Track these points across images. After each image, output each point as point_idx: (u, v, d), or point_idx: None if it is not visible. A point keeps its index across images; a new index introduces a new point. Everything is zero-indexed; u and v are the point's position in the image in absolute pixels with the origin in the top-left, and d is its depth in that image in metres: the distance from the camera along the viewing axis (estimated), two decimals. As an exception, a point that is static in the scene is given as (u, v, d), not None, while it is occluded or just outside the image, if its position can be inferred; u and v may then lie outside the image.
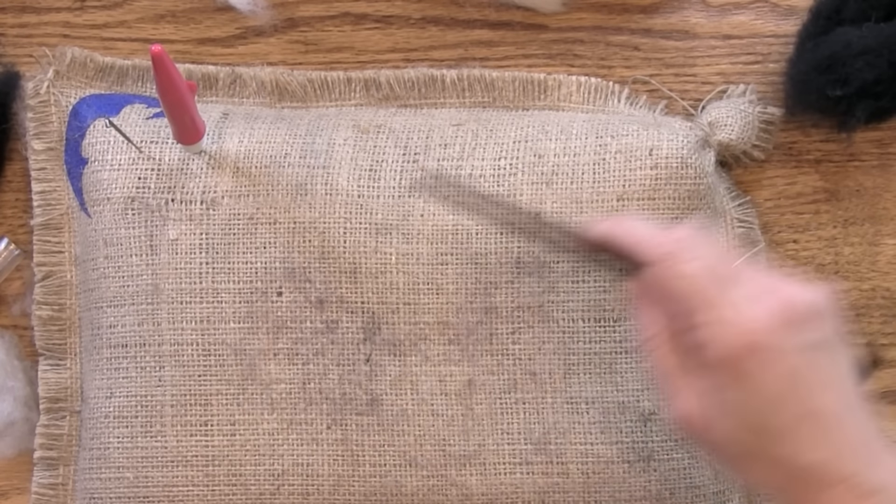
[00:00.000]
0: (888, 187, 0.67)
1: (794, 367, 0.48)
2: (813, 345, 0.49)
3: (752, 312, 0.48)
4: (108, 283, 0.63)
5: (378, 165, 0.62)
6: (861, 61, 0.61)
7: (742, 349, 0.48)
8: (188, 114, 0.58)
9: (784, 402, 0.48)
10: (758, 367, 0.48)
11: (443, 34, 0.68)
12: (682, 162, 0.61)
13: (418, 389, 0.61)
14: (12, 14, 0.68)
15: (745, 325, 0.48)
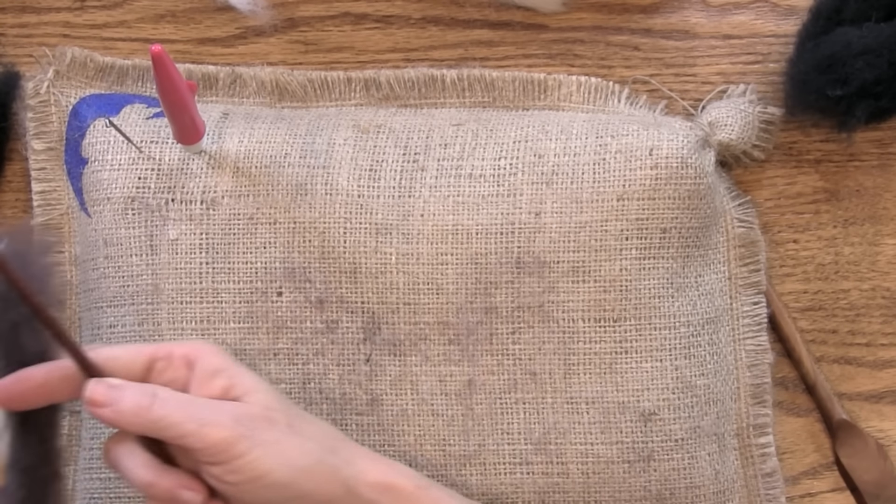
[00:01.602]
0: (888, 187, 0.67)
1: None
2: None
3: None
4: (108, 283, 0.63)
5: (378, 165, 0.62)
6: (861, 61, 0.61)
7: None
8: (188, 114, 0.58)
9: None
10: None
11: (443, 34, 0.68)
12: (683, 162, 0.61)
13: (418, 389, 0.61)
14: (12, 14, 0.68)
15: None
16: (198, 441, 0.50)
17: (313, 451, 0.53)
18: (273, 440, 0.51)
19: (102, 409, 0.51)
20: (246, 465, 0.50)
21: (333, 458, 0.53)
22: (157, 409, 0.50)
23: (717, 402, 0.63)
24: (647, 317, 0.61)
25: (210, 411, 0.51)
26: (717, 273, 0.65)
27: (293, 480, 0.51)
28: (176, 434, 0.50)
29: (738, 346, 0.65)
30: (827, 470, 0.67)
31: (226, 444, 0.50)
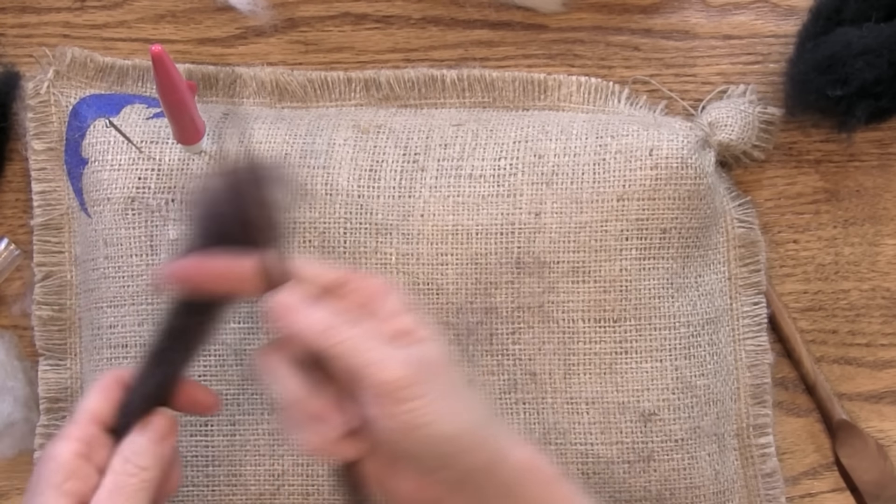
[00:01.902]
0: (888, 187, 0.67)
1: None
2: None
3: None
4: (108, 283, 0.63)
5: (378, 165, 0.62)
6: (861, 61, 0.61)
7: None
8: (188, 114, 0.58)
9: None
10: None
11: (443, 34, 0.68)
12: (682, 162, 0.61)
13: (418, 389, 0.61)
14: (12, 14, 0.68)
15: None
16: (374, 374, 0.48)
17: (474, 414, 0.51)
18: (443, 392, 0.49)
19: (288, 317, 0.49)
20: (412, 410, 0.48)
21: (489, 427, 0.52)
22: (342, 332, 0.49)
23: (717, 402, 0.63)
24: (647, 317, 0.61)
25: (390, 348, 0.49)
26: (717, 273, 0.65)
27: (451, 437, 0.49)
28: (352, 362, 0.48)
29: (738, 347, 0.65)
30: (827, 470, 0.67)
31: (400, 384, 0.48)
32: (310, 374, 0.51)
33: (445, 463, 0.50)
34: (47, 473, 0.50)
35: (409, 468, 0.51)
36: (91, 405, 0.52)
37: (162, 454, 0.52)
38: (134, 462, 0.51)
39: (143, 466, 0.51)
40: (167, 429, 0.52)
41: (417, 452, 0.50)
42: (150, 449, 0.51)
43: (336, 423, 0.50)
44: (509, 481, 0.51)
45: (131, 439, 0.52)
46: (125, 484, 0.50)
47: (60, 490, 0.49)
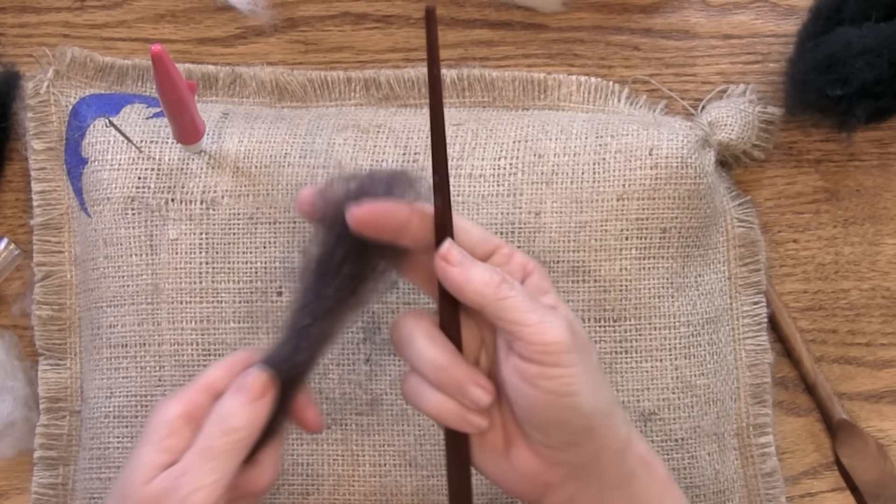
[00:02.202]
0: (888, 187, 0.67)
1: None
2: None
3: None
4: (108, 282, 0.63)
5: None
6: (861, 61, 0.61)
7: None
8: (188, 114, 0.58)
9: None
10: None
11: (443, 34, 0.68)
12: (682, 162, 0.61)
13: (418, 389, 0.61)
14: (12, 14, 0.68)
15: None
16: (534, 335, 0.48)
17: (612, 394, 0.52)
18: (589, 369, 0.50)
19: (453, 268, 0.50)
20: (565, 377, 0.48)
21: (623, 414, 0.52)
22: (505, 289, 0.49)
23: (717, 401, 0.63)
24: (647, 316, 0.61)
25: (554, 315, 0.50)
26: (717, 273, 0.65)
27: (591, 412, 0.49)
28: (514, 320, 0.49)
29: (738, 346, 0.65)
30: (827, 470, 0.67)
31: (560, 348, 0.48)
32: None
33: (581, 439, 0.50)
34: (150, 429, 0.52)
35: (535, 444, 0.51)
36: (209, 374, 0.53)
37: (255, 416, 0.51)
38: (225, 422, 0.51)
39: (234, 427, 0.51)
40: (261, 389, 0.52)
41: (558, 421, 0.50)
42: (241, 410, 0.51)
43: (483, 391, 0.50)
44: (630, 473, 0.52)
45: (224, 400, 0.52)
46: (213, 444, 0.50)
47: (159, 446, 0.51)
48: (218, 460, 0.50)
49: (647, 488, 0.52)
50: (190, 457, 0.50)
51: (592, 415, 0.50)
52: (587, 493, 0.52)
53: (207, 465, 0.50)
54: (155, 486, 0.50)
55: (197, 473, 0.50)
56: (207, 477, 0.50)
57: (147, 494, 0.50)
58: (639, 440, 0.53)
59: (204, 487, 0.49)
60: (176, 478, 0.50)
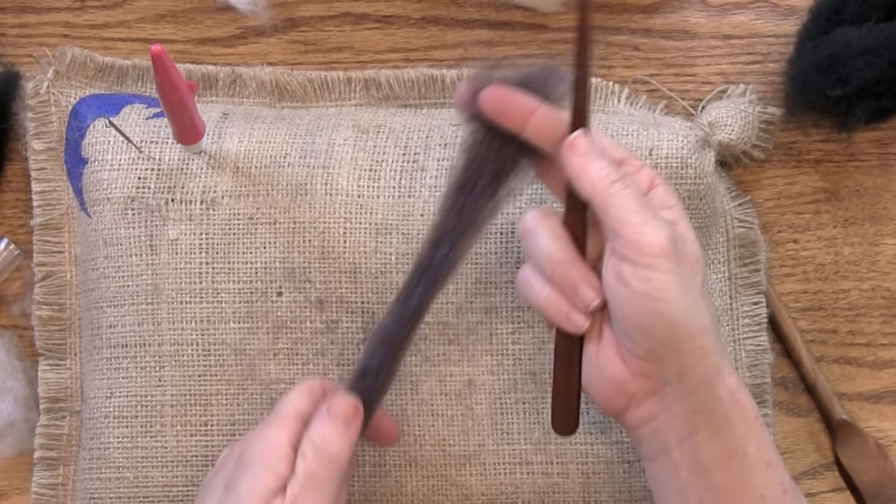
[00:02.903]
0: (888, 187, 0.67)
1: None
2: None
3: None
4: (108, 283, 0.63)
5: (378, 165, 0.62)
6: (861, 61, 0.61)
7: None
8: (188, 114, 0.58)
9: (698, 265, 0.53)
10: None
11: (443, 34, 0.68)
12: (682, 162, 0.61)
13: (418, 389, 0.61)
14: (12, 14, 0.68)
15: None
16: (633, 233, 0.50)
17: (709, 319, 0.52)
18: (690, 284, 0.51)
19: (576, 157, 0.51)
20: (655, 280, 0.49)
21: (716, 338, 0.52)
22: (618, 187, 0.51)
23: (717, 402, 0.63)
24: (647, 317, 0.61)
25: (659, 221, 0.50)
26: (717, 273, 0.65)
27: (679, 324, 0.50)
28: (617, 216, 0.50)
29: (738, 347, 0.65)
30: (827, 470, 0.67)
31: (655, 251, 0.49)
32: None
33: (666, 352, 0.50)
34: (262, 454, 0.53)
35: (624, 351, 0.52)
36: (296, 402, 0.55)
37: (350, 440, 0.53)
38: (326, 450, 0.53)
39: (334, 454, 0.53)
40: (351, 412, 0.54)
41: (645, 327, 0.50)
42: (338, 437, 0.53)
43: (593, 292, 0.52)
44: (716, 404, 0.51)
45: (317, 426, 0.53)
46: (318, 472, 0.52)
47: (273, 471, 0.52)
48: (323, 487, 0.52)
49: (731, 424, 0.52)
50: (297, 485, 0.52)
51: (680, 327, 0.50)
52: (668, 412, 0.52)
53: (315, 493, 0.52)
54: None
55: (307, 499, 0.52)
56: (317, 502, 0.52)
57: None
58: (730, 373, 0.52)
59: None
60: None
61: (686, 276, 0.50)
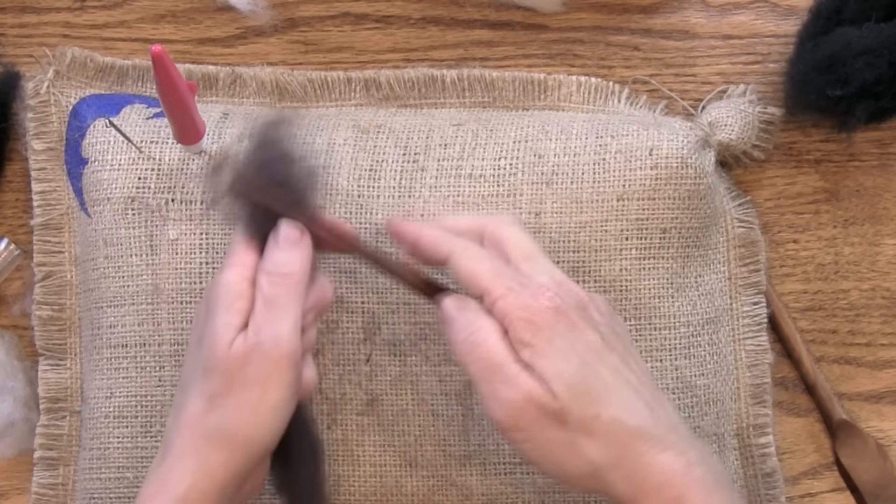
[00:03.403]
0: (888, 187, 0.67)
1: (590, 340, 0.51)
2: (602, 326, 0.52)
3: (540, 280, 0.51)
4: (108, 283, 0.63)
5: (378, 165, 0.62)
6: (861, 61, 0.61)
7: (534, 311, 0.50)
8: (188, 114, 0.58)
9: (593, 367, 0.50)
10: (556, 331, 0.50)
11: (443, 34, 0.68)
12: (682, 162, 0.61)
13: (418, 389, 0.61)
14: (12, 14, 0.68)
15: (533, 287, 0.51)
16: (485, 405, 0.51)
17: (595, 465, 0.50)
18: (552, 440, 0.50)
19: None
20: (522, 451, 0.51)
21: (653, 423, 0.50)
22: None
23: (717, 402, 0.63)
24: (647, 317, 0.61)
25: (506, 384, 0.50)
26: (717, 273, 0.65)
27: (562, 479, 0.51)
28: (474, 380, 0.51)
29: (738, 346, 0.65)
30: (827, 470, 0.67)
31: (504, 427, 0.50)
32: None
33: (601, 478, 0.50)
34: (217, 297, 0.53)
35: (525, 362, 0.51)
36: (241, 248, 0.55)
37: (301, 258, 0.53)
38: (276, 272, 0.53)
39: (285, 273, 0.53)
40: (297, 234, 0.54)
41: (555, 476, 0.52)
42: (287, 255, 0.53)
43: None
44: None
45: (267, 255, 0.54)
46: (274, 294, 0.52)
47: (232, 310, 0.52)
48: (284, 307, 0.52)
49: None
50: (259, 313, 0.52)
51: (565, 480, 0.50)
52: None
53: (277, 314, 0.52)
54: (237, 349, 0.52)
55: (272, 324, 0.52)
56: (283, 325, 0.52)
57: (233, 357, 0.51)
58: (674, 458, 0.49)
59: (283, 335, 0.52)
60: (255, 334, 0.51)
61: (542, 434, 0.50)
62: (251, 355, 0.51)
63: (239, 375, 0.51)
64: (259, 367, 0.51)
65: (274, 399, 0.52)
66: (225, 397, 0.51)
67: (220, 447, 0.51)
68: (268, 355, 0.51)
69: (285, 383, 0.52)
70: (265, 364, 0.51)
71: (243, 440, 0.52)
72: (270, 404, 0.52)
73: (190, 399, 0.53)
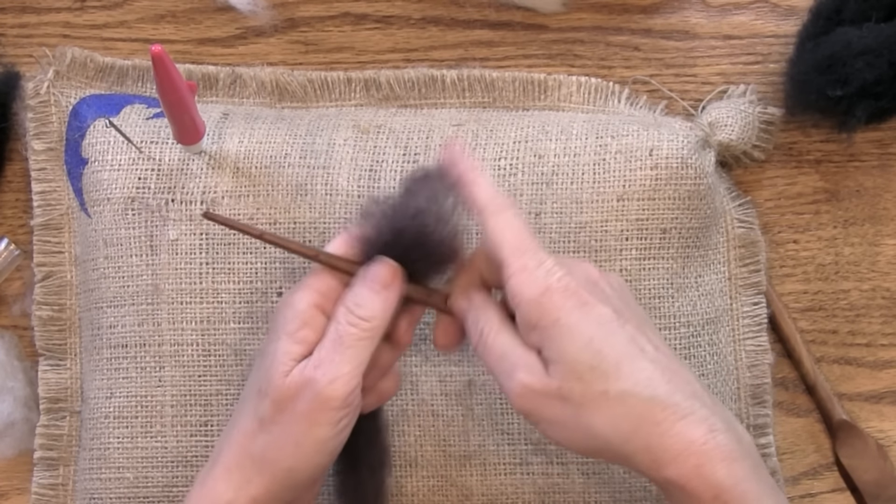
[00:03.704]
0: (888, 187, 0.67)
1: (600, 314, 0.50)
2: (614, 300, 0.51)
3: (550, 263, 0.50)
4: (108, 283, 0.63)
5: (378, 165, 0.62)
6: (861, 61, 0.61)
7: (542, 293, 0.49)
8: (188, 114, 0.58)
9: (602, 342, 0.49)
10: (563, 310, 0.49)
11: (443, 34, 0.68)
12: (683, 162, 0.61)
13: (418, 389, 0.61)
14: (12, 14, 0.68)
15: (543, 271, 0.50)
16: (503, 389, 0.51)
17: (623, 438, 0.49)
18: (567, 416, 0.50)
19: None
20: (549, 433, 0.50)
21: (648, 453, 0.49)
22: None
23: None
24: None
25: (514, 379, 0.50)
26: (717, 273, 0.65)
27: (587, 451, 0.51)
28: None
29: (738, 347, 0.65)
30: (827, 470, 0.67)
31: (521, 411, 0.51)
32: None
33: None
34: (283, 321, 0.52)
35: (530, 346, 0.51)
36: (323, 273, 0.54)
37: (385, 304, 0.52)
38: (356, 312, 0.52)
39: (365, 317, 0.52)
40: (389, 276, 0.53)
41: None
42: (372, 298, 0.52)
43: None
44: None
45: (354, 289, 0.52)
46: (346, 334, 0.51)
47: (294, 337, 0.52)
48: (353, 349, 0.51)
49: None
50: (325, 347, 0.51)
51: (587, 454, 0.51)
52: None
53: (343, 354, 0.51)
54: (294, 379, 0.51)
55: (334, 364, 0.51)
56: (344, 367, 0.51)
57: (286, 387, 0.51)
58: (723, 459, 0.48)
59: (341, 377, 0.51)
60: (314, 368, 0.51)
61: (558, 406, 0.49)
62: (304, 389, 0.51)
63: (290, 406, 0.51)
64: (310, 403, 0.51)
65: (319, 436, 0.51)
66: (273, 424, 0.51)
67: (262, 472, 0.52)
68: (320, 394, 0.50)
69: (333, 422, 0.51)
70: (315, 401, 0.50)
71: (284, 470, 0.51)
72: (315, 440, 0.51)
73: (244, 416, 0.53)
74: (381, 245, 0.53)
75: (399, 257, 0.53)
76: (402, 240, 0.52)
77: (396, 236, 0.52)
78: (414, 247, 0.52)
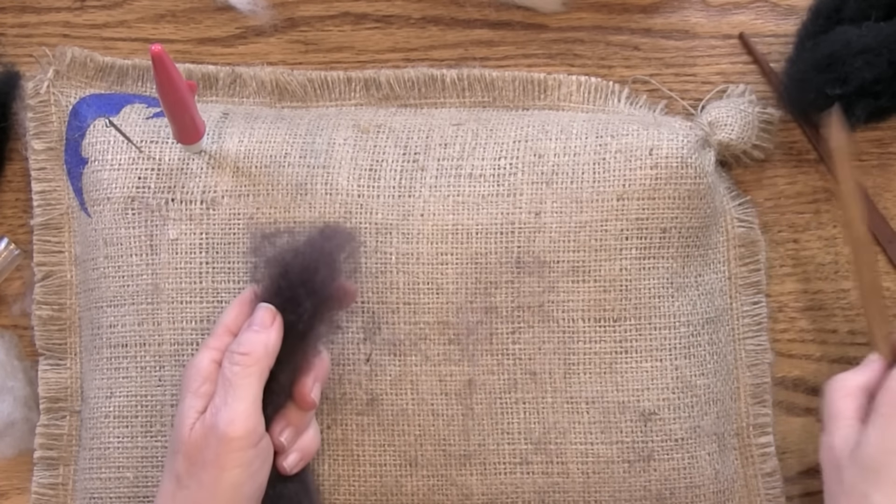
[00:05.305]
0: (888, 187, 0.67)
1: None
2: None
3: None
4: (108, 282, 0.63)
5: (378, 165, 0.62)
6: (860, 60, 0.61)
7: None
8: (188, 114, 0.58)
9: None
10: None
11: (443, 34, 0.68)
12: (682, 162, 0.61)
13: (418, 389, 0.61)
14: (12, 14, 0.68)
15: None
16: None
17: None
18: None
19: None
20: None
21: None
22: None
23: (717, 401, 0.63)
24: (647, 317, 0.61)
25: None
26: (717, 273, 0.65)
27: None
28: None
29: (738, 346, 0.65)
30: (827, 470, 0.67)
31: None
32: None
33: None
34: (187, 379, 0.56)
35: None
36: (227, 318, 0.57)
37: (264, 340, 0.55)
38: (236, 351, 0.55)
39: (244, 352, 0.55)
40: (269, 319, 0.56)
41: None
42: (250, 337, 0.55)
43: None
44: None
45: (239, 337, 0.56)
46: (232, 374, 0.54)
47: (197, 393, 0.55)
48: (241, 387, 0.54)
49: None
50: (218, 394, 0.54)
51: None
52: None
53: (234, 394, 0.54)
54: (196, 431, 0.54)
55: (227, 405, 0.54)
56: (238, 405, 0.54)
57: (192, 440, 0.54)
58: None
59: (238, 415, 0.53)
60: (212, 415, 0.54)
61: (833, 478, 0.57)
62: (208, 437, 0.53)
63: (199, 457, 0.53)
64: (215, 448, 0.53)
65: (232, 481, 0.53)
66: (189, 478, 0.54)
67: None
68: (223, 437, 0.53)
69: (244, 464, 0.53)
70: (220, 445, 0.53)
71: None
72: (229, 486, 0.53)
73: (164, 478, 0.56)
74: (270, 290, 0.56)
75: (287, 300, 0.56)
76: (287, 280, 0.56)
77: (281, 276, 0.56)
78: (299, 286, 0.55)
